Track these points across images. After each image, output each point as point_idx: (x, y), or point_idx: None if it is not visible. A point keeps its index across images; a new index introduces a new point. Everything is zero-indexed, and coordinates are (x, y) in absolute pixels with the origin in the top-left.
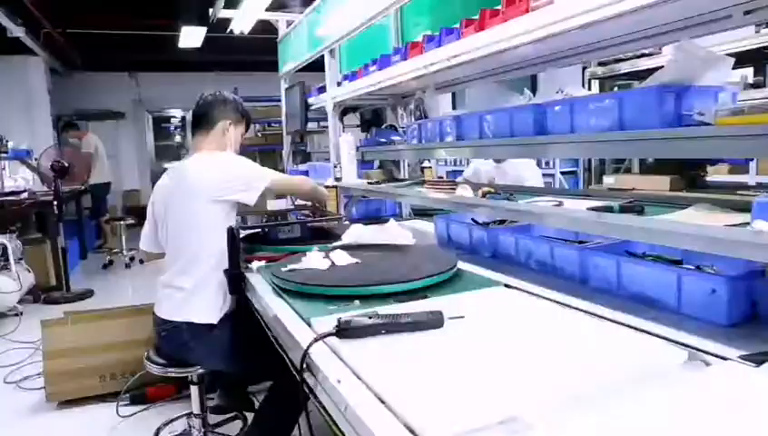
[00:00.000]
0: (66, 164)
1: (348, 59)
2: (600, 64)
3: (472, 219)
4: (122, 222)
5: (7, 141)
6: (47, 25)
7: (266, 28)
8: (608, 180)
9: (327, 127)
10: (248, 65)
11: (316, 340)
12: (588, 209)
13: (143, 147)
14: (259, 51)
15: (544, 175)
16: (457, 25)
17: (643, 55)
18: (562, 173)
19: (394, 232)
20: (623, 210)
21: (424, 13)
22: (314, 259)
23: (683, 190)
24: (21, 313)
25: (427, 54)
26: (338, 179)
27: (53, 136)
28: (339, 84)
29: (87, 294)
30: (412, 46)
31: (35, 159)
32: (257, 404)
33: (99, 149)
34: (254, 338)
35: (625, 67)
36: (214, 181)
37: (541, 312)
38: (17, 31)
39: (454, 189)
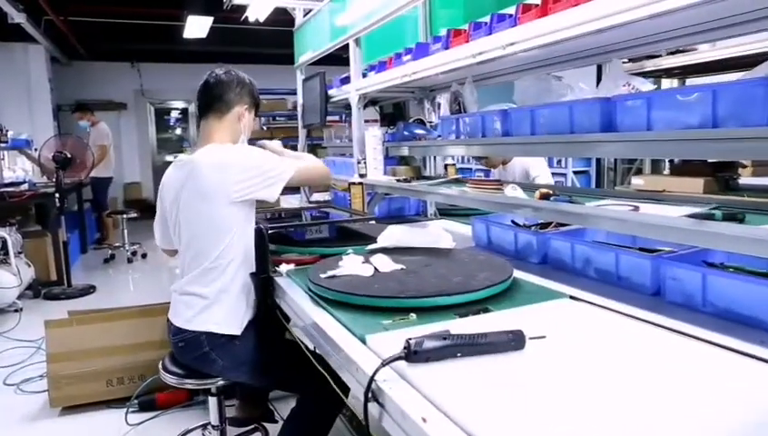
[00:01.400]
0: (69, 155)
1: (365, 51)
2: (630, 60)
3: (512, 221)
4: (124, 216)
5: (7, 130)
6: (49, 12)
7: (276, 19)
8: (637, 181)
9: (337, 121)
10: (253, 58)
11: (383, 364)
12: (686, 216)
13: (145, 139)
14: (265, 43)
15: (554, 175)
16: (508, 11)
17: (669, 53)
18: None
19: (435, 235)
20: (725, 217)
21: (453, 4)
22: (353, 264)
23: (717, 192)
24: (21, 309)
25: (474, 42)
26: (362, 175)
27: (53, 127)
28: (364, 74)
29: (89, 290)
30: (455, 34)
31: (35, 149)
32: (277, 415)
33: (110, 140)
34: (280, 347)
35: (649, 66)
36: (233, 180)
37: (624, 329)
38: (18, 17)
39: (499, 189)
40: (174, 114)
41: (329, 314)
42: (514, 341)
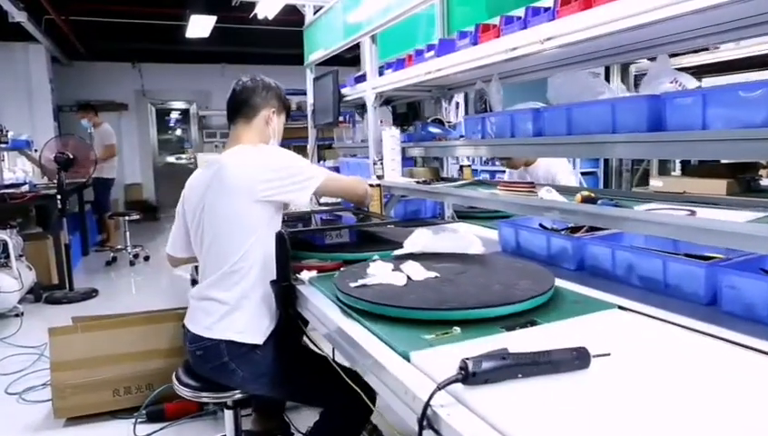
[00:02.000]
0: (71, 156)
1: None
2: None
3: (540, 224)
4: (126, 218)
5: (7, 131)
6: (50, 11)
7: (280, 19)
8: (656, 182)
9: (341, 121)
10: (256, 58)
11: (439, 388)
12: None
13: (146, 140)
14: (267, 43)
15: None
16: (542, 4)
17: (691, 52)
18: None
19: (466, 240)
20: None
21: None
22: (383, 271)
23: (740, 194)
24: (22, 314)
25: (506, 37)
26: (379, 177)
27: (54, 127)
28: (380, 73)
29: (91, 294)
30: (483, 29)
31: (35, 150)
32: (293, 427)
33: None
34: (303, 358)
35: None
36: (260, 177)
37: (684, 342)
38: (19, 16)
39: (533, 191)
40: (176, 115)
41: (362, 327)
42: (578, 359)
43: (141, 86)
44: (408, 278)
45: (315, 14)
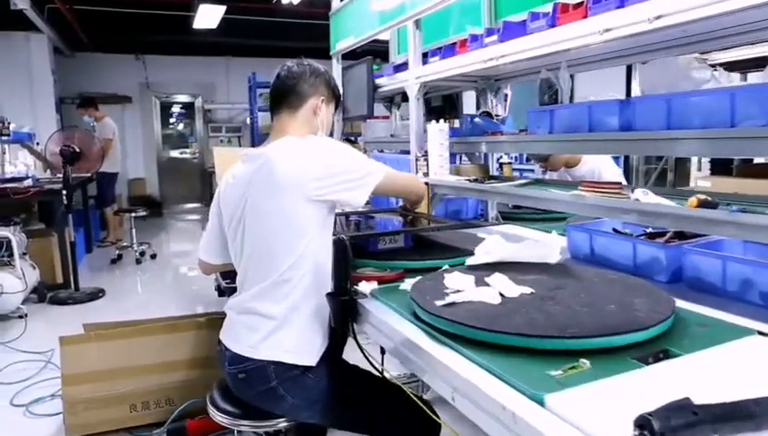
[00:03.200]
0: (77, 150)
1: (401, 41)
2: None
3: (613, 229)
4: (132, 214)
5: (9, 123)
6: None
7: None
8: (704, 183)
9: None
10: (265, 51)
11: None
12: None
13: (150, 134)
14: (276, 36)
15: None
16: None
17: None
18: None
19: (546, 247)
20: None
21: None
22: (465, 285)
23: None
24: (26, 315)
25: (597, 17)
26: (425, 174)
27: (56, 120)
28: (423, 61)
29: (98, 294)
30: (562, 9)
31: (37, 143)
32: None
33: (116, 135)
34: (359, 379)
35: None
36: (313, 175)
37: None
38: (22, 3)
39: (622, 193)
40: (176, 109)
41: (464, 358)
42: None
43: (145, 79)
44: (501, 294)
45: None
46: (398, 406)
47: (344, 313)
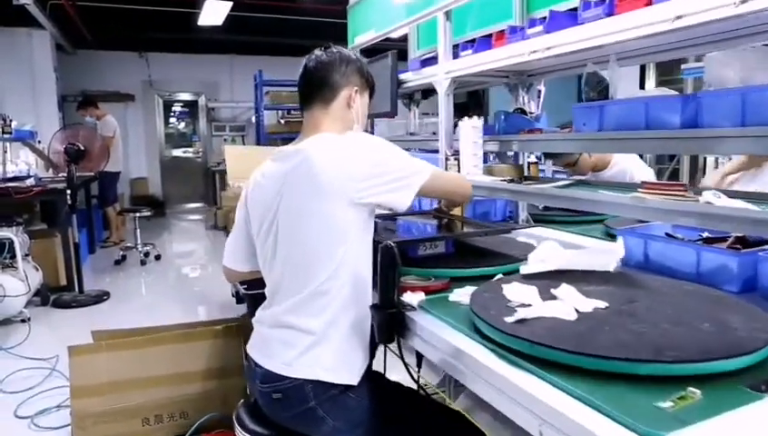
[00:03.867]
0: (82, 148)
1: (422, 36)
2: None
3: (666, 233)
4: (136, 215)
5: (11, 120)
6: None
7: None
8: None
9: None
10: (270, 48)
11: None
12: None
13: (153, 132)
14: (281, 33)
15: None
16: None
17: None
18: None
19: (605, 254)
20: None
21: None
22: (530, 297)
23: None
24: (29, 319)
25: (664, 4)
26: None
27: (58, 118)
28: (455, 55)
29: (102, 297)
30: None
31: (38, 141)
32: None
33: (117, 133)
34: (409, 400)
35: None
36: (357, 176)
37: None
38: None
39: (687, 195)
40: (176, 108)
41: (550, 386)
42: None
43: (148, 77)
44: (576, 310)
45: None
46: (440, 418)
47: (391, 328)
